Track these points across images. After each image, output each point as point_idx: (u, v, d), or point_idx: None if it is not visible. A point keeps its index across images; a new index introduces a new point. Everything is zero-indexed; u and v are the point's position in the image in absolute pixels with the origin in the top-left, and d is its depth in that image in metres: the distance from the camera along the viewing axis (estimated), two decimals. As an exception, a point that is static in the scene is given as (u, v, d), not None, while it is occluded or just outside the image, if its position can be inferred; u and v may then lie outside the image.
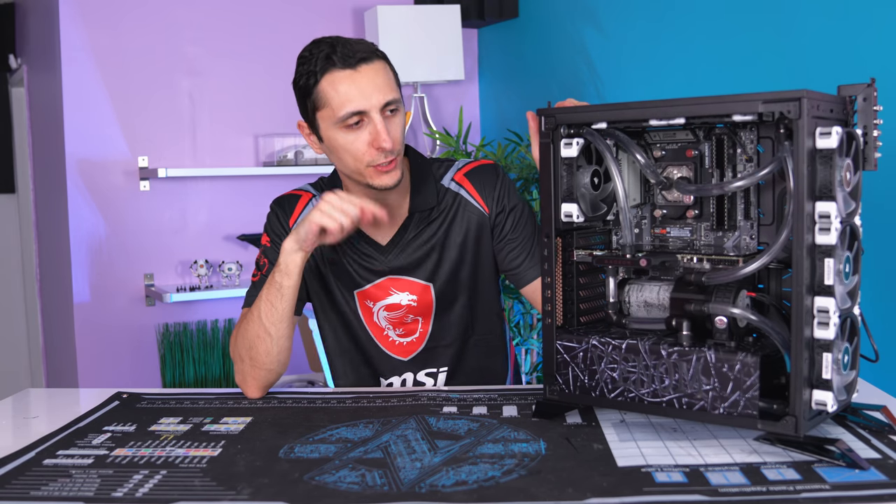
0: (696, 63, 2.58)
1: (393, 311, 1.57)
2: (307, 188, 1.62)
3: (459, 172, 1.60)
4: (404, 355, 1.59)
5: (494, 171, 1.59)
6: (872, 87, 1.09)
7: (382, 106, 1.42)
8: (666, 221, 1.27)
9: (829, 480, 0.97)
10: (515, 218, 1.57)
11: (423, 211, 1.55)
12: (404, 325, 1.58)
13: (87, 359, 3.16)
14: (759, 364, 1.05)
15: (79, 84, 3.11)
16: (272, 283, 1.42)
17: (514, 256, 1.56)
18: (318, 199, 1.54)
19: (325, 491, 0.99)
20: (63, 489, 1.03)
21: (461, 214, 1.57)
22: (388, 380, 1.60)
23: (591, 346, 1.18)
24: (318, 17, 3.39)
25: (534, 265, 1.54)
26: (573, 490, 0.96)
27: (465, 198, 1.57)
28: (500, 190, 1.57)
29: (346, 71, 1.41)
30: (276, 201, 1.61)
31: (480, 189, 1.57)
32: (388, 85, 1.44)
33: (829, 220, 1.01)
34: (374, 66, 1.43)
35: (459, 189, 1.58)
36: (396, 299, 1.56)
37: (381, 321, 1.58)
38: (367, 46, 1.45)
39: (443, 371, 1.60)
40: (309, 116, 1.48)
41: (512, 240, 1.56)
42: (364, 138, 1.43)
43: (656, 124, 1.13)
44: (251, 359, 1.44)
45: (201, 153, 3.31)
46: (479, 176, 1.59)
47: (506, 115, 3.59)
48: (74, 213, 3.12)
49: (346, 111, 1.41)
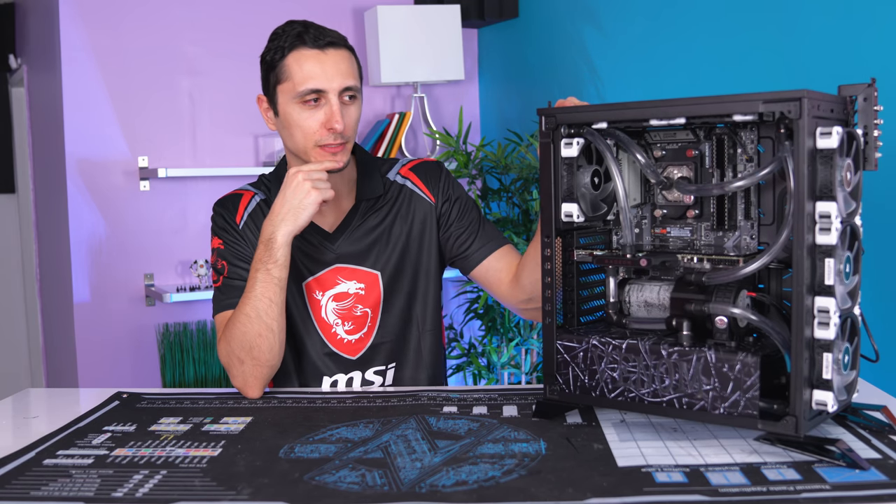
0: (697, 63, 2.58)
1: (341, 300, 1.58)
2: (247, 187, 1.66)
3: (405, 167, 1.67)
4: (353, 353, 1.60)
5: (438, 166, 1.68)
6: (873, 87, 1.09)
7: (342, 90, 1.48)
8: (666, 221, 1.27)
9: (830, 480, 0.97)
10: (461, 205, 1.64)
11: (369, 199, 1.60)
12: (353, 317, 1.59)
13: (87, 359, 3.16)
14: (760, 364, 1.05)
15: (79, 84, 3.11)
16: (269, 280, 1.44)
17: (463, 241, 1.62)
18: (261, 195, 1.62)
19: (325, 491, 0.99)
20: (63, 489, 1.03)
21: (407, 205, 1.63)
22: (332, 377, 1.60)
23: (591, 346, 1.18)
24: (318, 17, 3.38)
25: (481, 247, 1.61)
26: (573, 490, 0.96)
27: (412, 189, 1.64)
28: (445, 181, 1.65)
29: (313, 50, 1.48)
30: (219, 202, 1.64)
31: (426, 181, 1.65)
32: (350, 72, 1.50)
33: (829, 220, 1.01)
34: (341, 52, 1.50)
35: (405, 181, 1.65)
36: (344, 288, 1.58)
37: (329, 315, 1.59)
38: (338, 35, 1.53)
39: (391, 368, 1.61)
40: (269, 90, 1.54)
41: (459, 226, 1.62)
42: (318, 117, 1.49)
43: (656, 124, 1.13)
44: (253, 359, 1.44)
45: (201, 153, 3.30)
46: (424, 169, 1.66)
47: (506, 115, 3.59)
48: (74, 213, 3.12)
49: (307, 87, 1.47)
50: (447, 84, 3.66)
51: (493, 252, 1.60)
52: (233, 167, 3.31)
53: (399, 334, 1.61)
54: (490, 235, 1.62)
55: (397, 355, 1.61)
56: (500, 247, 1.61)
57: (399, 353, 1.62)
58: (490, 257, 1.60)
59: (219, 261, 1.57)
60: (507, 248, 1.62)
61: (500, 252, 1.61)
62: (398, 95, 3.64)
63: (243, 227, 1.59)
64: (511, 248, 1.62)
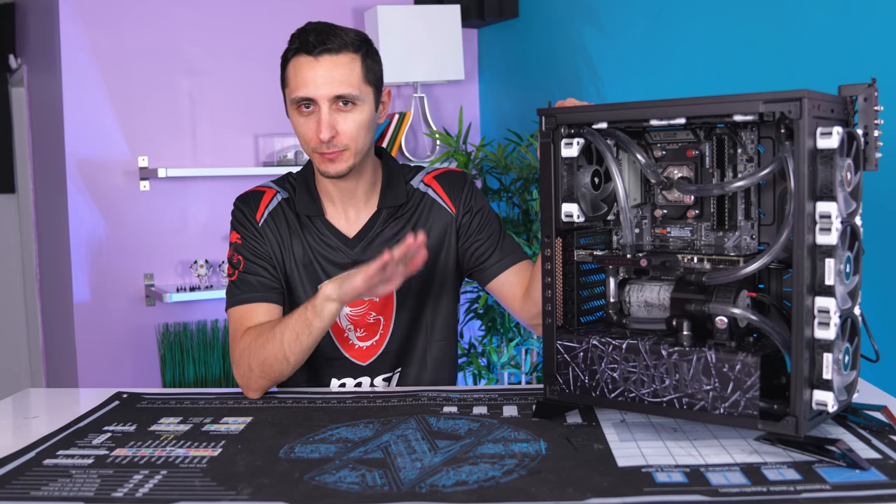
0: (697, 62, 2.58)
1: (356, 306, 1.58)
2: (270, 185, 1.65)
3: (429, 175, 1.66)
4: (363, 360, 1.59)
5: (463, 176, 1.66)
6: (873, 87, 1.09)
7: (332, 98, 1.46)
8: (666, 221, 1.27)
9: (830, 480, 0.97)
10: (482, 217, 1.63)
11: (391, 207, 1.59)
12: (366, 324, 1.59)
13: (87, 359, 3.16)
14: (760, 364, 1.05)
15: (79, 84, 3.11)
16: (303, 319, 1.42)
17: (482, 253, 1.61)
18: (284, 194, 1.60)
19: (325, 491, 0.99)
20: (63, 489, 1.03)
21: (428, 215, 1.61)
22: (341, 381, 1.60)
23: (591, 346, 1.18)
24: (318, 17, 3.38)
25: (499, 260, 1.60)
26: (573, 490, 0.96)
27: (434, 198, 1.62)
28: (468, 192, 1.64)
29: (307, 57, 1.47)
30: (241, 198, 1.63)
31: (449, 191, 1.63)
32: (345, 79, 1.47)
33: (829, 220, 1.01)
34: (339, 58, 1.47)
35: (428, 189, 1.63)
36: None
37: (342, 321, 1.58)
38: (346, 39, 1.48)
39: (396, 373, 1.61)
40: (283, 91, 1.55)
41: (479, 238, 1.61)
42: (311, 125, 1.49)
43: (657, 124, 1.13)
44: (263, 372, 1.44)
45: (201, 153, 3.30)
46: (447, 179, 1.65)
47: (506, 115, 3.59)
48: (74, 213, 3.12)
49: (297, 95, 1.48)
50: (447, 84, 3.66)
51: (511, 266, 1.59)
52: (233, 167, 3.31)
53: (406, 341, 1.61)
54: (509, 249, 1.61)
55: (402, 361, 1.61)
56: (518, 261, 1.60)
57: (403, 359, 1.61)
58: (507, 271, 1.59)
59: (235, 255, 1.57)
60: (525, 263, 1.61)
61: (517, 267, 1.60)
62: (398, 95, 3.64)
63: (263, 225, 1.58)
64: (529, 264, 1.61)
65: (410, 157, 3.50)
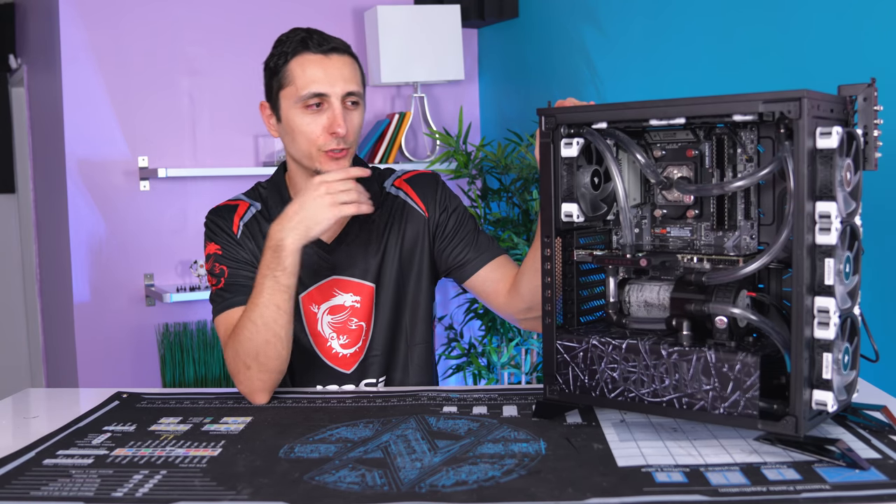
0: (697, 62, 2.58)
1: (337, 313, 1.57)
2: (241, 197, 1.64)
3: (400, 179, 1.66)
4: (347, 367, 1.59)
5: (434, 178, 1.66)
6: (873, 86, 1.09)
7: (344, 95, 1.48)
8: (666, 221, 1.27)
9: (830, 480, 0.97)
10: (457, 217, 1.63)
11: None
12: (348, 331, 1.58)
13: (87, 359, 3.16)
14: (760, 364, 1.05)
15: (79, 84, 3.11)
16: (276, 287, 1.40)
17: (459, 251, 1.61)
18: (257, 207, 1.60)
19: (325, 491, 0.99)
20: (63, 489, 1.03)
21: (402, 218, 1.61)
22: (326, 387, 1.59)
23: (591, 345, 1.18)
24: (318, 17, 3.39)
25: (476, 257, 1.60)
26: (573, 490, 0.96)
27: (407, 202, 1.63)
28: (441, 194, 1.64)
29: (317, 55, 1.48)
30: (213, 211, 1.61)
31: (421, 194, 1.63)
32: (353, 78, 1.50)
33: (829, 220, 1.01)
34: (345, 58, 1.51)
35: (399, 192, 1.64)
36: (340, 300, 1.57)
37: (325, 329, 1.58)
38: (342, 42, 1.53)
39: (381, 381, 1.60)
40: (272, 96, 1.54)
41: (454, 237, 1.61)
42: (321, 122, 1.48)
43: (656, 124, 1.13)
44: (260, 365, 1.41)
45: (201, 153, 3.30)
46: (419, 181, 1.65)
47: (506, 115, 3.59)
48: (74, 213, 3.12)
49: (309, 91, 1.47)
50: (447, 84, 3.66)
51: (489, 262, 1.59)
52: (233, 167, 3.31)
53: (388, 347, 1.60)
54: (485, 246, 1.60)
55: (387, 368, 1.61)
56: (495, 257, 1.59)
57: (389, 367, 1.61)
58: (485, 268, 1.59)
59: (216, 265, 1.54)
60: (503, 258, 1.60)
61: (495, 262, 1.59)
62: (398, 95, 3.64)
63: (241, 237, 1.56)
64: (507, 259, 1.61)
65: (410, 157, 3.50)
